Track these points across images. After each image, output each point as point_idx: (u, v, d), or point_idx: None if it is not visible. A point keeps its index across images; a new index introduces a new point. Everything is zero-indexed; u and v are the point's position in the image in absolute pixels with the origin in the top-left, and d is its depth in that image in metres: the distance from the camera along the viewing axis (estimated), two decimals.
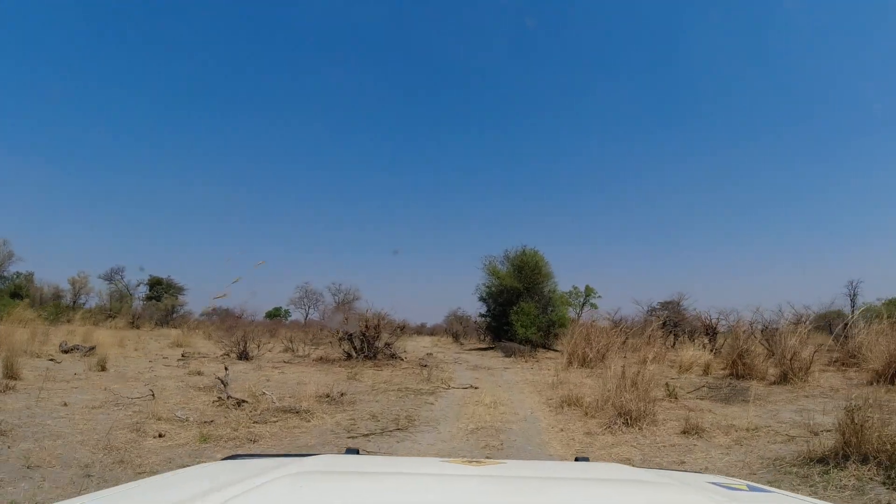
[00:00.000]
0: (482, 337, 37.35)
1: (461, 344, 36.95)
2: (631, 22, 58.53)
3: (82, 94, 54.83)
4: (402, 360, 19.09)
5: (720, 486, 1.21)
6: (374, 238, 69.55)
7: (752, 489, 1.23)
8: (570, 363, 17.86)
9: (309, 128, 64.80)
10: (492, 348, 29.10)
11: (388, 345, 18.76)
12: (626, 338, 20.18)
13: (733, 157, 61.11)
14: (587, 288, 42.07)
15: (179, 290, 52.70)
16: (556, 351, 27.98)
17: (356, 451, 1.79)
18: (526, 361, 20.53)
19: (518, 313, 27.42)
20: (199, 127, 62.37)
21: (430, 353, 23.08)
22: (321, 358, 18.60)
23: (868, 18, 49.37)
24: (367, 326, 18.00)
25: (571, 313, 31.99)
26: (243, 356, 18.29)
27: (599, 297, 40.95)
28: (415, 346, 33.01)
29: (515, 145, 67.34)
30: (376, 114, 66.27)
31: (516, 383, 13.78)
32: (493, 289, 30.02)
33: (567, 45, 59.88)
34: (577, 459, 1.73)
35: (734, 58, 57.25)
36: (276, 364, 16.75)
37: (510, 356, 23.22)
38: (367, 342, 18.06)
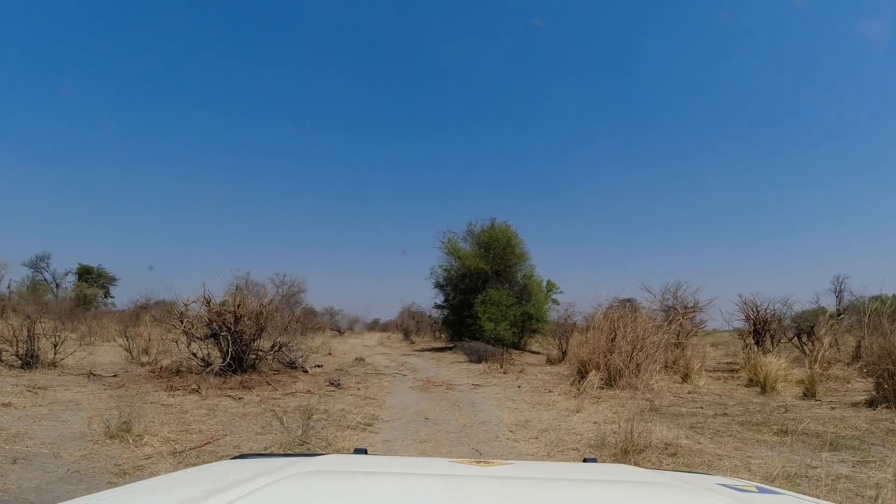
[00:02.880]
0: (438, 334, 29.26)
1: (412, 342, 28.97)
2: (599, 23, 52.29)
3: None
4: (307, 371, 10.98)
5: (729, 487, 1.15)
6: (332, 232, 61.52)
7: (761, 491, 1.14)
8: (581, 377, 10.20)
9: (265, 120, 56.29)
10: (450, 348, 21.26)
11: (280, 347, 10.61)
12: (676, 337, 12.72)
13: (701, 157, 55.58)
14: (549, 283, 34.55)
15: (111, 280, 43.49)
16: (535, 353, 20.40)
17: (364, 451, 1.62)
18: (504, 372, 12.73)
19: (485, 303, 19.70)
20: (160, 117, 52.97)
21: (361, 358, 14.98)
22: (167, 369, 10.25)
23: (850, 17, 44.30)
24: (235, 316, 9.80)
25: None
26: (29, 361, 9.91)
27: (561, 292, 33.50)
28: (351, 346, 24.82)
29: (476, 144, 60.19)
30: (332, 105, 58.08)
31: (515, 433, 5.92)
32: (453, 272, 22.17)
33: (537, 46, 52.93)
34: (585, 460, 1.55)
35: (704, 58, 51.62)
36: (48, 383, 8.38)
37: (478, 361, 15.41)
38: (240, 343, 9.87)
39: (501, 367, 13.00)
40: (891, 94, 42.46)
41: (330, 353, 17.28)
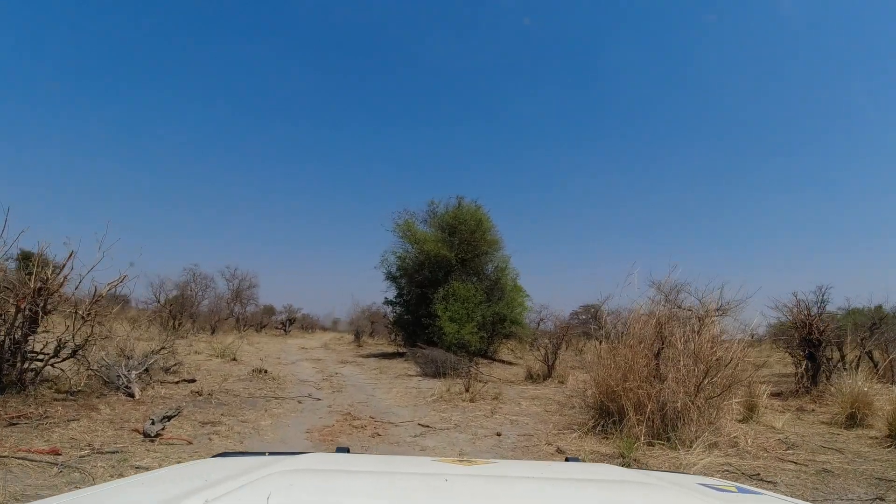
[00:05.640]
0: (393, 336, 24.31)
1: (360, 345, 24.10)
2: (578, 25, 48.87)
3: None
4: (133, 396, 6.16)
5: (709, 487, 1.13)
6: (296, 230, 56.35)
7: (741, 490, 1.13)
8: (608, 418, 5.78)
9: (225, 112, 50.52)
10: (402, 354, 16.63)
11: (74, 351, 5.78)
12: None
13: (663, 163, 52.75)
14: (515, 285, 30.09)
15: (55, 269, 36.98)
16: (507, 363, 15.96)
17: (347, 450, 1.50)
18: (471, 398, 8.18)
19: (447, 299, 15.15)
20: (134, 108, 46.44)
21: (263, 370, 10.17)
22: None
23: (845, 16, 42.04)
24: None
25: None
26: None
27: (527, 295, 28.52)
28: (283, 349, 19.84)
29: (447, 141, 56.02)
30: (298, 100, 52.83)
31: None
32: (409, 261, 17.53)
33: (517, 46, 49.08)
34: (567, 459, 1.51)
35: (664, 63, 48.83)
36: None
37: (435, 375, 10.91)
38: None
39: (467, 390, 8.45)
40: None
41: (234, 359, 12.40)
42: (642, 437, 5.35)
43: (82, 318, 5.59)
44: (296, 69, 52.53)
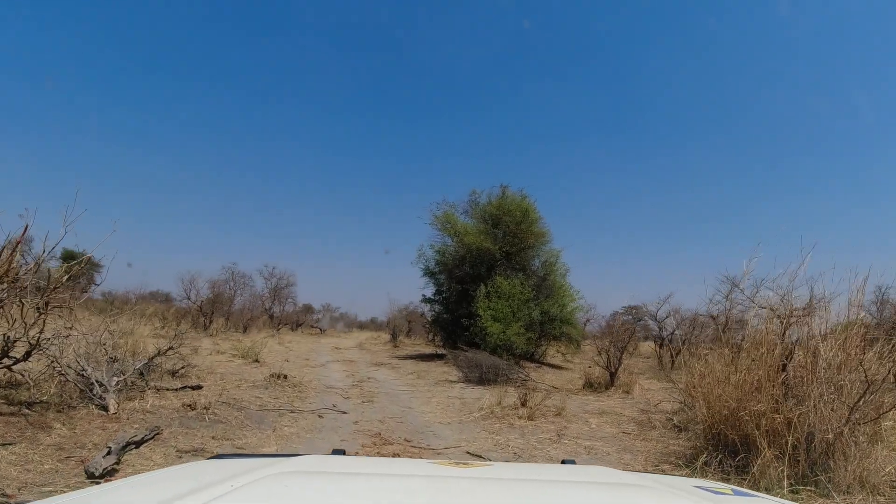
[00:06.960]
0: (432, 336, 22.74)
1: (396, 346, 22.77)
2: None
3: None
4: (107, 410, 4.90)
5: (706, 489, 1.11)
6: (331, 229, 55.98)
7: (737, 493, 1.10)
8: (726, 452, 4.12)
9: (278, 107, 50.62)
10: (441, 356, 15.13)
11: (28, 352, 4.55)
12: None
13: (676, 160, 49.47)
14: (561, 284, 27.90)
15: (95, 266, 37.75)
16: (555, 367, 14.30)
17: (342, 452, 1.52)
18: (528, 414, 6.60)
19: (491, 296, 13.62)
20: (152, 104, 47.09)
21: (282, 375, 8.83)
22: None
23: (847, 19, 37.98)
24: None
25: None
26: None
27: (578, 292, 24.36)
28: (314, 349, 18.71)
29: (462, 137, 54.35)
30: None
31: None
32: (448, 255, 16.07)
33: (525, 46, 46.93)
34: (563, 462, 1.50)
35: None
36: None
37: (479, 382, 9.44)
38: None
39: (524, 404, 6.89)
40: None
41: (257, 360, 11.24)
42: (785, 481, 3.72)
43: (36, 309, 4.40)
44: (332, 66, 51.97)
